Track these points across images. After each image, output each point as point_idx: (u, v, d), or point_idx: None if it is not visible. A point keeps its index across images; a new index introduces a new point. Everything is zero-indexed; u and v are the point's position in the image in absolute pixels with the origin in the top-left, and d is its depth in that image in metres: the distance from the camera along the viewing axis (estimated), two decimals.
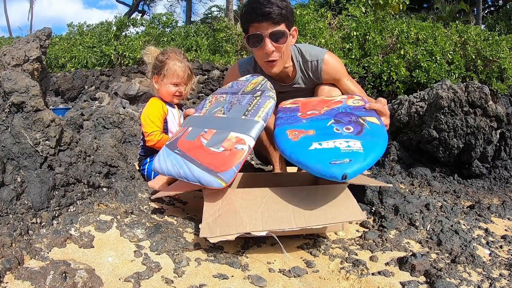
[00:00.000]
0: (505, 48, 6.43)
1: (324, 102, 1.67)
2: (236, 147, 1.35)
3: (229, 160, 1.32)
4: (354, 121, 1.45)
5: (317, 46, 2.15)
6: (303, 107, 1.66)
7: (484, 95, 2.28)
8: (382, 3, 7.02)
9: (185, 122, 1.68)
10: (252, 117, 1.47)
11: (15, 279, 0.93)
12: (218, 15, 18.42)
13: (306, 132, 1.42)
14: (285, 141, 1.41)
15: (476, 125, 2.27)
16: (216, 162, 1.32)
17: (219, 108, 1.63)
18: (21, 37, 2.69)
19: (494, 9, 18.37)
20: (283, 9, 1.67)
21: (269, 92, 1.59)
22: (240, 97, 1.64)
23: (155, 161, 1.52)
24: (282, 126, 1.52)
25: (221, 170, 1.29)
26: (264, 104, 1.53)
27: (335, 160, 1.21)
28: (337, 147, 1.28)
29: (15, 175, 1.17)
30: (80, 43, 10.19)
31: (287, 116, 1.60)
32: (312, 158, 1.26)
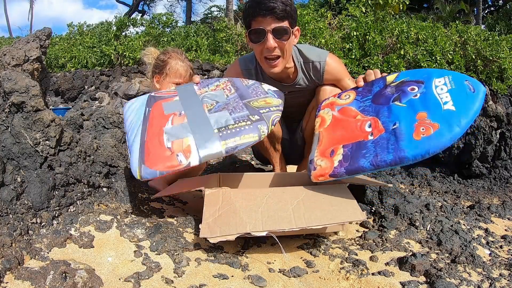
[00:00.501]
0: (505, 48, 6.43)
1: (345, 118, 1.53)
2: (178, 156, 1.27)
3: (162, 161, 1.27)
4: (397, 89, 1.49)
5: (317, 47, 2.15)
6: (343, 135, 1.46)
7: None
8: (382, 3, 7.01)
9: (183, 88, 1.64)
10: (220, 140, 1.32)
11: (15, 279, 0.93)
12: (218, 15, 18.42)
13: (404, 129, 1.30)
14: (412, 148, 1.24)
15: (476, 125, 2.27)
16: (153, 153, 1.29)
17: (214, 100, 1.52)
18: (21, 37, 2.69)
19: (494, 9, 18.37)
20: (287, 6, 1.65)
21: (265, 126, 1.39)
22: (239, 106, 1.49)
23: (132, 100, 1.57)
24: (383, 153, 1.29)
25: (147, 164, 1.26)
26: (245, 134, 1.34)
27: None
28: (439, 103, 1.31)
29: (15, 175, 1.17)
30: (80, 43, 10.19)
31: (360, 149, 1.36)
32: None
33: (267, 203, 1.28)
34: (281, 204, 1.27)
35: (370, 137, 1.36)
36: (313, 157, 1.46)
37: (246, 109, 1.46)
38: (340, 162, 1.35)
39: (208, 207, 1.27)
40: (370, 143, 1.34)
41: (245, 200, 1.30)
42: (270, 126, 1.40)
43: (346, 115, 1.55)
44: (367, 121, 1.44)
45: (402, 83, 1.50)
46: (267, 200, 1.29)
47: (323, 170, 1.38)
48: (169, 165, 1.26)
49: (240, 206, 1.26)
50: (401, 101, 1.42)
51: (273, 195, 1.32)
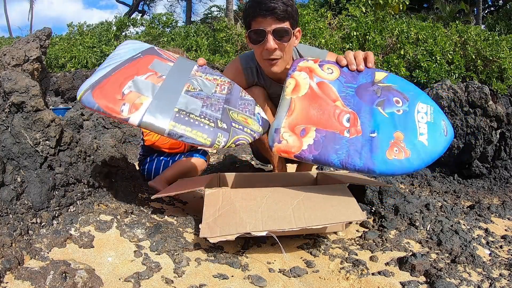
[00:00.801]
0: (505, 48, 6.43)
1: (320, 100, 1.44)
2: (124, 105, 1.23)
3: (107, 99, 1.23)
4: (382, 91, 1.45)
5: (316, 47, 2.12)
6: (319, 123, 1.37)
7: (484, 95, 2.29)
8: (382, 3, 7.02)
9: (184, 61, 1.58)
10: (171, 119, 1.25)
11: (15, 279, 0.93)
12: (218, 15, 18.42)
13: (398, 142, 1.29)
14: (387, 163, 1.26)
15: (476, 125, 2.27)
16: (106, 88, 1.26)
17: (199, 86, 1.45)
18: (21, 37, 2.69)
19: (494, 9, 18.36)
20: (288, 6, 1.62)
21: (225, 138, 1.29)
22: (217, 106, 1.39)
23: (135, 41, 1.54)
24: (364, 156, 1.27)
25: (93, 93, 1.23)
26: (198, 131, 1.25)
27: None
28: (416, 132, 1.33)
29: (15, 175, 1.17)
30: (80, 43, 10.19)
31: (337, 145, 1.31)
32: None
33: (267, 203, 1.28)
34: (281, 204, 1.27)
35: (346, 133, 1.33)
36: (280, 126, 1.34)
37: (221, 113, 1.37)
38: (310, 147, 1.30)
39: (208, 207, 1.27)
40: (344, 141, 1.31)
41: (245, 200, 1.30)
42: (230, 143, 1.29)
43: (325, 94, 1.45)
44: (346, 113, 1.39)
45: (389, 88, 1.46)
46: (267, 200, 1.29)
47: (289, 147, 1.30)
48: (110, 106, 1.22)
49: (240, 206, 1.26)
50: (384, 109, 1.40)
51: (273, 195, 1.32)
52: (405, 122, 1.36)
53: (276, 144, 1.31)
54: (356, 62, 1.57)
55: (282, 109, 1.40)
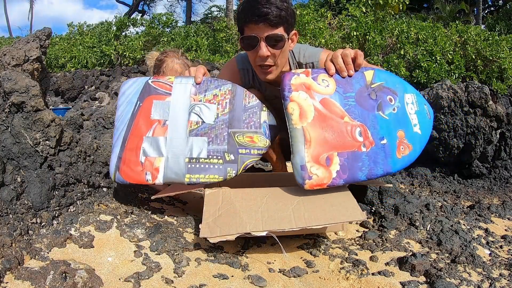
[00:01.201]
0: (505, 48, 6.42)
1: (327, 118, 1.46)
2: (146, 174, 1.39)
3: (132, 175, 1.39)
4: (377, 92, 1.53)
5: (312, 46, 2.08)
6: (332, 142, 1.40)
7: (484, 95, 2.29)
8: (382, 3, 7.02)
9: (181, 83, 1.56)
10: (186, 172, 1.38)
11: (15, 279, 0.93)
12: (218, 15, 18.42)
13: (406, 147, 1.48)
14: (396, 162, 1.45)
15: (476, 125, 2.27)
16: (127, 164, 1.41)
17: (201, 119, 1.48)
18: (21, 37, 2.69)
19: (494, 9, 18.37)
20: (282, 10, 1.54)
21: (235, 169, 1.39)
22: (221, 136, 1.44)
23: (130, 82, 1.58)
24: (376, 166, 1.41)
25: (121, 172, 1.39)
26: (211, 174, 1.38)
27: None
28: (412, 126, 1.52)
29: (15, 175, 1.17)
30: (80, 43, 10.19)
31: (355, 161, 1.39)
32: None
33: (267, 203, 1.28)
34: (281, 204, 1.27)
35: (363, 148, 1.41)
36: (304, 162, 1.34)
37: (226, 142, 1.43)
38: (339, 173, 1.34)
39: (208, 207, 1.27)
40: (364, 156, 1.40)
41: (245, 200, 1.30)
42: (241, 170, 1.41)
43: (332, 113, 1.45)
44: (356, 127, 1.43)
45: (380, 88, 1.52)
46: (267, 200, 1.29)
47: (321, 180, 1.33)
48: (137, 179, 1.39)
49: (240, 206, 1.26)
50: (384, 112, 1.50)
51: (273, 195, 1.32)
52: (401, 118, 1.51)
53: (307, 181, 1.32)
54: (346, 67, 1.53)
55: (297, 142, 1.39)
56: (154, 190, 1.69)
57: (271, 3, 1.52)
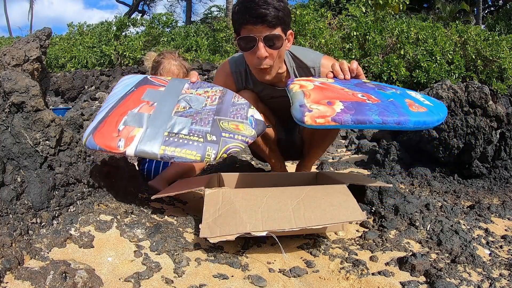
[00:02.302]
0: (505, 48, 6.43)
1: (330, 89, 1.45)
2: (120, 141, 1.32)
3: (106, 139, 1.32)
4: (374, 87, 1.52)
5: (311, 49, 2.08)
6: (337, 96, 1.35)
7: (484, 95, 2.29)
8: (382, 3, 7.02)
9: (176, 82, 1.62)
10: (161, 144, 1.31)
11: (15, 279, 0.93)
12: (218, 15, 18.42)
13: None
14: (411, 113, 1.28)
15: (476, 125, 2.27)
16: (104, 129, 1.36)
17: (188, 104, 1.48)
18: (21, 37, 2.69)
19: (494, 9, 18.37)
20: (280, 11, 1.53)
21: (215, 150, 1.32)
22: (206, 120, 1.41)
23: (130, 76, 1.62)
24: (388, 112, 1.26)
25: (94, 136, 1.33)
26: (188, 149, 1.30)
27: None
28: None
29: (15, 175, 1.17)
30: (80, 43, 10.20)
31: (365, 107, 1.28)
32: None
33: (267, 203, 1.28)
34: (281, 204, 1.27)
35: (368, 101, 1.32)
36: (303, 102, 1.29)
37: (210, 125, 1.39)
38: (343, 110, 1.24)
39: (208, 207, 1.27)
40: (371, 104, 1.30)
41: (245, 200, 1.30)
42: (221, 153, 1.32)
43: (331, 87, 1.45)
44: (358, 93, 1.39)
45: (379, 86, 1.56)
46: (267, 200, 1.29)
47: (323, 113, 1.22)
48: (108, 144, 1.32)
49: (240, 206, 1.26)
50: (385, 91, 1.47)
51: (273, 195, 1.32)
52: (406, 95, 1.45)
53: (308, 113, 1.21)
54: (343, 72, 1.60)
55: (297, 97, 1.35)
56: (154, 190, 1.70)
57: (268, 4, 1.51)
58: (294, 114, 1.28)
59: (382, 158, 2.53)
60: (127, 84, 1.61)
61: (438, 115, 1.31)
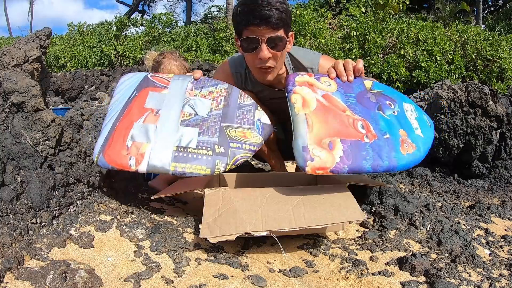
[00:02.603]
0: (505, 48, 6.42)
1: (333, 112, 1.47)
2: (130, 159, 1.33)
3: (116, 158, 1.34)
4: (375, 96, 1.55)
5: (309, 49, 2.07)
6: (337, 128, 1.40)
7: (484, 95, 2.29)
8: (382, 3, 7.01)
9: (178, 80, 1.58)
10: (172, 160, 1.32)
11: (15, 279, 0.93)
12: (218, 15, 18.42)
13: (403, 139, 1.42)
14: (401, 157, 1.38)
15: (476, 125, 2.27)
16: (113, 147, 1.36)
17: (194, 111, 1.48)
18: (21, 37, 2.69)
19: (494, 9, 18.37)
20: (283, 12, 1.53)
21: (224, 163, 1.33)
22: (213, 128, 1.41)
23: (130, 75, 1.59)
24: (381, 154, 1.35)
25: (105, 155, 1.34)
26: (197, 165, 1.31)
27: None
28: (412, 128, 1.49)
29: (15, 175, 1.17)
30: (80, 43, 10.20)
31: (357, 148, 1.35)
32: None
33: (267, 203, 1.28)
34: (281, 204, 1.27)
35: (366, 139, 1.37)
36: (306, 143, 1.32)
37: (218, 135, 1.40)
38: (342, 158, 1.30)
39: (208, 207, 1.27)
40: (368, 146, 1.36)
41: (245, 200, 1.30)
42: (230, 166, 1.34)
43: (334, 105, 1.46)
44: (358, 120, 1.43)
45: (380, 94, 1.57)
46: (267, 200, 1.29)
47: (324, 163, 1.28)
48: (120, 164, 1.34)
49: (240, 206, 1.26)
50: (384, 112, 1.50)
51: (273, 195, 1.32)
52: (402, 121, 1.50)
53: (310, 162, 1.28)
54: (346, 73, 1.58)
55: (300, 126, 1.38)
56: (154, 190, 1.69)
57: (272, 5, 1.50)
58: (297, 158, 1.32)
59: None
60: (128, 87, 1.58)
61: (424, 151, 1.44)
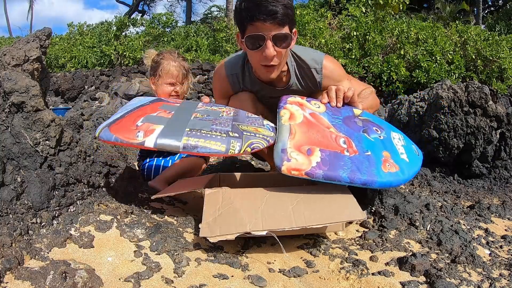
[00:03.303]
0: (505, 48, 6.43)
1: (317, 128, 1.52)
2: (138, 132, 1.30)
3: (123, 130, 1.32)
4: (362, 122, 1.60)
5: (312, 49, 2.07)
6: (322, 141, 1.43)
7: (484, 95, 2.28)
8: (382, 3, 7.01)
9: (190, 102, 1.71)
10: (183, 135, 1.29)
11: (15, 279, 0.93)
12: (218, 15, 18.43)
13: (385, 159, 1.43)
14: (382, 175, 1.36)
15: (476, 125, 2.27)
16: (121, 124, 1.36)
17: (206, 113, 1.52)
18: (21, 37, 2.69)
19: (494, 9, 18.37)
20: (289, 8, 1.50)
21: (239, 143, 1.31)
22: (226, 123, 1.43)
23: (142, 97, 1.69)
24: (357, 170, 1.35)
25: (110, 128, 1.33)
26: (211, 140, 1.28)
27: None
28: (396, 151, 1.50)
29: (15, 175, 1.17)
30: (80, 43, 10.20)
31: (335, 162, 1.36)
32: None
33: (267, 202, 1.28)
34: (281, 204, 1.27)
35: (346, 153, 1.40)
36: (286, 146, 1.36)
37: (231, 127, 1.39)
38: (318, 164, 1.33)
39: (208, 207, 1.27)
40: (347, 158, 1.38)
41: (245, 200, 1.30)
42: (245, 147, 1.31)
43: (319, 122, 1.53)
44: (341, 137, 1.47)
45: (367, 121, 1.63)
46: (267, 199, 1.29)
47: (299, 165, 1.31)
48: (126, 135, 1.30)
49: (240, 206, 1.26)
50: (369, 135, 1.54)
51: (273, 195, 1.32)
52: (387, 144, 1.52)
53: (286, 162, 1.31)
54: (337, 100, 1.63)
55: (283, 133, 1.43)
56: (154, 190, 1.70)
57: (277, 1, 1.48)
58: (275, 158, 1.35)
59: None
60: (141, 100, 1.67)
61: (408, 175, 1.41)
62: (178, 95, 2.04)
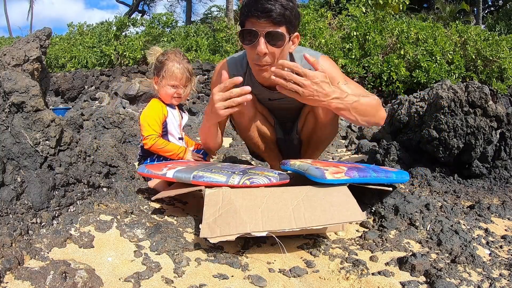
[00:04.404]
0: (505, 48, 6.43)
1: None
2: (163, 170, 1.55)
3: (154, 169, 1.58)
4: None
5: (309, 49, 2.04)
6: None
7: (484, 95, 2.28)
8: (382, 3, 7.02)
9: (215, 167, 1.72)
10: (194, 171, 1.47)
11: (15, 279, 0.93)
12: (218, 15, 18.43)
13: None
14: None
15: (476, 125, 2.27)
16: (155, 166, 1.63)
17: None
18: (21, 37, 2.69)
19: (494, 9, 18.38)
20: (287, 9, 1.51)
21: (239, 177, 1.42)
22: (232, 167, 1.60)
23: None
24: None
25: (147, 167, 1.61)
26: (215, 174, 1.44)
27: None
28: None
29: (15, 175, 1.17)
30: (80, 43, 10.20)
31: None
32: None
33: (267, 203, 1.28)
34: (281, 204, 1.27)
35: (358, 166, 1.61)
36: (316, 165, 1.50)
37: (241, 170, 1.51)
38: (349, 169, 1.48)
39: (208, 207, 1.27)
40: (365, 165, 1.59)
41: (245, 200, 1.30)
42: (244, 180, 1.40)
43: (326, 163, 1.66)
44: (345, 165, 1.61)
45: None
46: (267, 200, 1.29)
47: (337, 171, 1.44)
48: (155, 169, 1.57)
49: (240, 206, 1.26)
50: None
51: (273, 195, 1.32)
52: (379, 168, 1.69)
53: (325, 171, 1.42)
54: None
55: (306, 165, 1.56)
56: (154, 190, 1.69)
57: (276, 0, 1.49)
58: (313, 174, 1.42)
59: (382, 158, 2.53)
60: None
61: (397, 179, 1.64)
62: (180, 97, 2.03)
